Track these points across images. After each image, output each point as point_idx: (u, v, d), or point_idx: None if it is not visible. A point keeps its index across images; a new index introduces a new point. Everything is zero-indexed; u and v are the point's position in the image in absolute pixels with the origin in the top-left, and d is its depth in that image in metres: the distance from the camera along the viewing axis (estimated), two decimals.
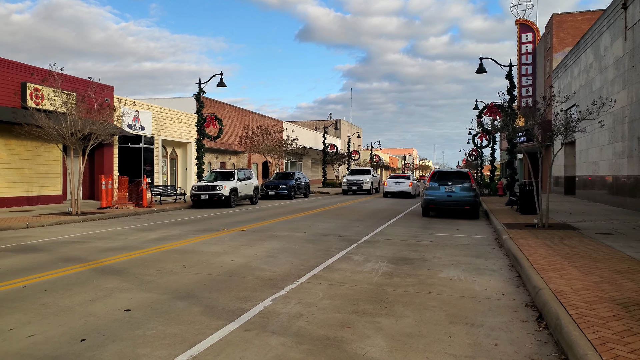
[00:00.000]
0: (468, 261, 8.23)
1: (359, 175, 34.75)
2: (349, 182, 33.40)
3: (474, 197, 15.62)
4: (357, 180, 33.25)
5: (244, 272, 7.10)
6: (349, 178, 33.73)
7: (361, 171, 36.20)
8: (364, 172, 35.76)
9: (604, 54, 19.87)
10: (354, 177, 33.84)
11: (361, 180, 33.29)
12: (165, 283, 6.41)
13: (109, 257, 8.37)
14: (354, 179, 33.47)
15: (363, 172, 35.77)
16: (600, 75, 20.18)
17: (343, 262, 7.95)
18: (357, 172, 36.23)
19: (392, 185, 30.50)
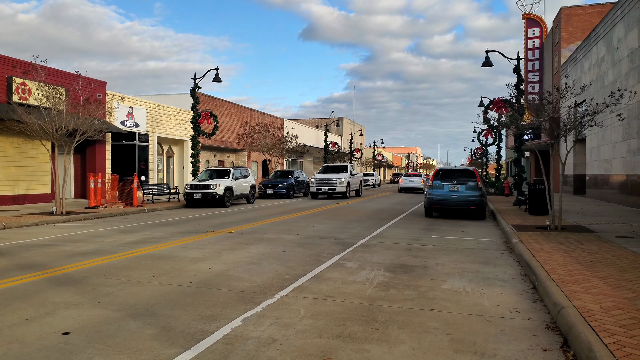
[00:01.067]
0: (475, 269, 7.32)
1: (332, 173, 26.81)
2: (318, 182, 25.48)
3: (480, 196, 14.68)
4: (328, 180, 25.38)
5: (218, 283, 6.22)
6: (319, 177, 25.82)
7: (336, 168, 28.05)
8: (338, 170, 27.64)
9: (617, 46, 18.87)
10: (325, 176, 25.75)
11: (333, 180, 25.31)
12: (124, 296, 5.54)
13: (74, 263, 7.51)
14: (325, 179, 25.53)
15: (338, 170, 27.67)
16: (614, 68, 19.18)
17: (334, 270, 7.06)
18: (330, 169, 28.00)
19: (407, 182, 36.52)
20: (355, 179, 28.15)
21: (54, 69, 18.89)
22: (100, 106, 16.78)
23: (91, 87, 17.52)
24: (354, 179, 27.53)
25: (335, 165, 28.57)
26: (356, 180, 28.22)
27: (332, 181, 25.30)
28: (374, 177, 51.12)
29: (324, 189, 25.32)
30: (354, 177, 27.79)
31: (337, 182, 25.20)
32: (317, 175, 26.47)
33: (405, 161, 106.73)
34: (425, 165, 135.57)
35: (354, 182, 27.61)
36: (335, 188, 25.19)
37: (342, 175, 25.96)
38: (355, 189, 28.24)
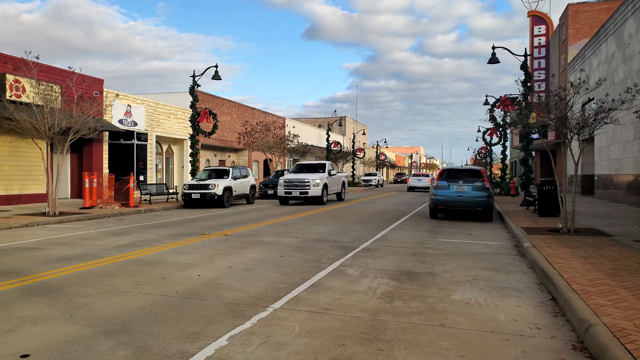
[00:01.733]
0: (486, 276, 6.78)
1: (306, 172, 22.05)
2: (287, 184, 20.87)
3: (488, 197, 14.11)
4: (300, 181, 20.61)
5: (207, 293, 5.69)
6: (289, 178, 21.11)
7: (311, 167, 23.20)
8: (314, 168, 22.81)
9: (628, 42, 18.26)
10: (296, 177, 21.02)
11: (306, 181, 20.49)
12: (101, 309, 5.02)
13: (54, 269, 7.00)
14: (295, 180, 20.78)
15: (313, 168, 22.85)
16: (624, 65, 18.58)
17: (334, 278, 6.52)
18: (305, 168, 23.12)
19: (415, 182, 38.94)
20: (335, 179, 23.03)
21: (47, 66, 18.40)
22: (95, 103, 16.24)
23: (85, 83, 17.04)
24: (333, 180, 22.49)
25: (311, 164, 23.79)
26: (336, 181, 23.27)
27: (304, 183, 20.50)
28: (376, 177, 50.55)
29: (295, 193, 20.56)
30: (333, 177, 22.66)
31: (311, 183, 20.42)
32: (287, 175, 21.92)
33: (408, 161, 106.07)
34: (429, 165, 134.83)
35: (334, 183, 22.72)
36: (308, 191, 20.40)
37: (317, 175, 21.14)
38: (337, 192, 23.46)
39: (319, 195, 20.62)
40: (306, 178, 20.74)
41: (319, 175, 21.33)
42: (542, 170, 38.27)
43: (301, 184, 20.65)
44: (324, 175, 21.61)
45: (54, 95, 15.27)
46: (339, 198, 24.01)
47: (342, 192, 24.39)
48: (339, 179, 23.78)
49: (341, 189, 24.17)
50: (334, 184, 22.90)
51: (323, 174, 21.73)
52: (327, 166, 22.70)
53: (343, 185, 24.48)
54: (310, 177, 20.88)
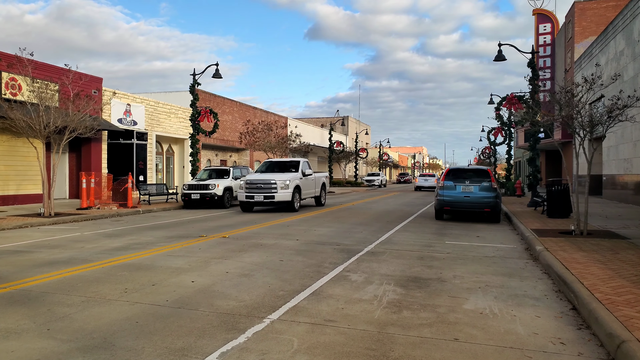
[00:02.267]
0: (499, 282, 6.34)
1: (275, 172, 18.45)
2: (249, 186, 17.23)
3: (495, 198, 13.66)
4: (265, 183, 17.03)
5: (199, 302, 5.28)
6: (251, 179, 17.50)
7: (282, 165, 19.31)
8: (286, 167, 19.03)
9: (638, 38, 17.79)
10: (260, 178, 17.39)
11: (272, 183, 16.93)
12: (82, 320, 4.61)
13: (39, 275, 6.59)
14: (259, 182, 17.17)
15: (285, 167, 19.06)
16: (634, 62, 18.11)
17: (336, 285, 6.10)
18: (275, 165, 19.34)
19: (422, 182, 40.45)
20: (312, 181, 19.18)
21: (43, 63, 18.05)
22: (91, 101, 15.85)
23: (82, 81, 16.63)
24: (308, 181, 18.69)
25: (282, 161, 19.79)
26: (313, 182, 19.33)
27: (269, 185, 16.90)
28: (379, 177, 50.10)
29: (258, 197, 16.87)
30: (309, 178, 18.78)
31: (278, 185, 16.83)
32: (250, 175, 18.50)
33: (411, 161, 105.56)
34: (432, 165, 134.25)
35: (309, 185, 18.93)
36: (274, 195, 16.76)
37: (287, 175, 17.39)
38: (314, 195, 19.67)
39: (289, 200, 16.90)
40: (273, 179, 17.00)
41: (289, 175, 17.53)
42: (548, 171, 37.73)
43: (266, 186, 16.94)
44: (297, 175, 17.87)
45: (49, 93, 14.91)
46: (317, 202, 20.29)
47: (322, 195, 20.54)
48: (317, 180, 19.92)
49: (320, 192, 20.30)
50: (310, 186, 19.04)
51: (295, 173, 17.97)
52: (302, 165, 18.79)
53: (323, 187, 20.68)
54: (279, 177, 17.17)
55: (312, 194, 19.42)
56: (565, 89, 10.14)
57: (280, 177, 17.28)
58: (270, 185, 16.98)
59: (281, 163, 19.52)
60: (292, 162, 19.30)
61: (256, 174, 18.28)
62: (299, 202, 17.71)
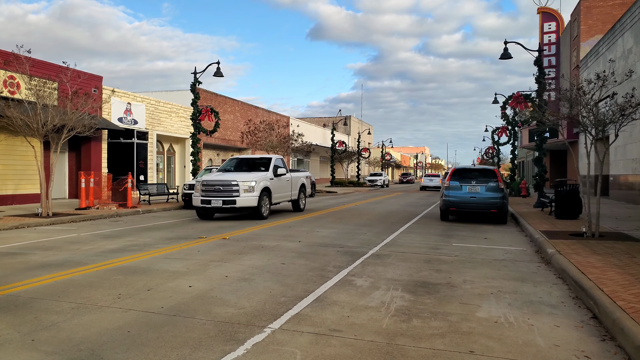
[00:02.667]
0: (512, 288, 6.03)
1: (241, 171, 15.43)
2: (206, 188, 14.14)
3: (502, 198, 13.34)
4: (224, 184, 14.00)
5: (196, 308, 4.98)
6: (209, 180, 14.34)
7: (252, 162, 16.21)
8: (255, 165, 15.95)
9: None
10: (218, 179, 14.32)
11: (232, 184, 13.89)
12: (70, 329, 4.32)
13: (30, 279, 6.31)
14: (217, 183, 14.11)
15: (254, 165, 15.99)
16: None
17: (341, 290, 5.79)
18: (243, 163, 16.26)
19: (427, 182, 41.74)
20: (286, 182, 16.21)
21: (41, 61, 17.79)
22: (90, 100, 15.58)
23: (81, 79, 16.37)
24: (281, 183, 15.76)
25: (251, 158, 16.49)
26: (288, 184, 16.43)
27: (229, 187, 13.78)
28: (382, 177, 49.74)
29: (216, 202, 13.75)
30: (283, 178, 15.90)
31: (241, 188, 13.71)
32: (207, 175, 15.43)
33: (413, 161, 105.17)
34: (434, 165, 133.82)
35: (284, 187, 16.03)
36: (235, 199, 13.62)
37: (253, 176, 14.31)
38: (291, 199, 16.86)
39: (253, 205, 13.82)
40: (234, 180, 13.83)
41: (256, 175, 14.40)
42: (552, 171, 37.35)
43: (226, 188, 13.79)
44: (266, 175, 14.76)
45: (47, 91, 14.64)
46: (295, 207, 17.31)
47: (302, 198, 17.52)
48: (293, 181, 16.89)
49: (299, 195, 17.25)
50: (284, 188, 16.03)
51: (264, 173, 14.89)
52: (274, 162, 15.73)
53: (302, 189, 17.69)
54: (242, 178, 13.97)
55: (287, 198, 16.43)
56: (577, 86, 9.81)
57: (244, 177, 14.07)
58: (230, 188, 13.79)
59: (250, 160, 16.33)
60: (262, 160, 16.09)
61: (216, 174, 15.14)
62: (268, 207, 14.60)
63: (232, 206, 13.80)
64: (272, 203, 15.11)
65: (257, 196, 13.98)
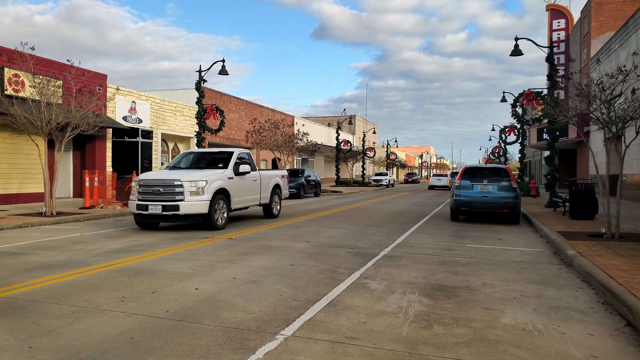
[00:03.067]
0: (535, 292, 5.72)
1: (194, 169, 12.23)
2: (145, 189, 11.13)
3: (515, 198, 13.00)
4: (165, 185, 10.98)
5: (204, 313, 4.70)
6: (147, 179, 11.37)
7: (208, 158, 13.18)
8: (213, 161, 12.91)
9: None
10: (158, 178, 11.31)
11: (175, 184, 10.85)
12: (70, 335, 4.05)
13: (30, 280, 6.05)
14: (156, 183, 11.11)
15: (212, 161, 12.96)
16: None
17: (355, 294, 5.50)
18: (198, 158, 13.25)
19: (435, 181, 42.40)
20: (252, 182, 13.06)
21: (46, 59, 17.58)
22: (94, 97, 15.36)
23: (85, 77, 16.15)
24: (243, 183, 12.58)
25: (208, 153, 13.49)
26: (256, 184, 13.25)
27: (172, 188, 10.85)
28: (387, 176, 49.39)
29: (154, 208, 10.83)
30: (247, 178, 12.75)
31: (186, 189, 10.77)
32: (146, 174, 11.90)
33: (418, 161, 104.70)
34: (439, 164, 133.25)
35: (249, 188, 12.90)
36: (177, 205, 10.70)
37: (203, 174, 11.26)
38: (261, 203, 13.74)
39: (203, 212, 10.81)
40: (177, 178, 10.79)
41: (209, 173, 11.33)
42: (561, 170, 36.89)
43: (167, 190, 10.75)
44: (223, 173, 11.69)
45: (51, 89, 14.43)
46: (268, 213, 14.21)
47: (276, 202, 14.54)
48: (264, 180, 13.81)
49: (271, 198, 14.19)
50: (250, 190, 12.91)
51: (221, 171, 11.81)
52: (236, 157, 12.58)
53: (276, 191, 14.58)
54: (188, 176, 10.89)
55: (254, 201, 13.26)
56: (597, 81, 9.47)
57: (192, 175, 10.96)
58: (172, 189, 10.72)
59: (206, 155, 13.20)
60: (222, 154, 12.88)
61: (158, 172, 12.79)
62: (225, 215, 11.45)
63: (174, 213, 10.62)
64: (233, 209, 12.02)
65: (208, 200, 10.85)
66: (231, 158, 12.56)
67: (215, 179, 11.37)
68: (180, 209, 10.71)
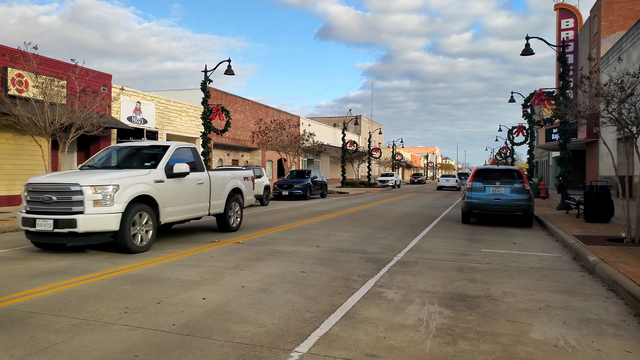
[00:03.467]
0: (560, 302, 5.42)
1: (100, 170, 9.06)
2: (33, 196, 8.12)
3: (528, 200, 12.67)
4: (58, 191, 7.89)
5: (212, 326, 4.42)
6: (36, 183, 8.21)
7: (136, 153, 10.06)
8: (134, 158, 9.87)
9: None
10: (49, 183, 8.07)
11: (70, 190, 7.79)
12: (69, 352, 3.77)
13: (30, 289, 5.79)
14: (48, 187, 7.98)
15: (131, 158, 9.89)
16: None
17: (371, 305, 5.21)
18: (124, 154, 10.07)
19: (444, 182, 42.59)
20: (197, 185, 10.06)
21: (49, 58, 17.38)
22: (98, 97, 15.14)
23: (89, 77, 15.94)
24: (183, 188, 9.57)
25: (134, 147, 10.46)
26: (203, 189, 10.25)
27: (66, 193, 7.92)
28: (393, 177, 49.02)
29: (43, 223, 7.87)
30: (187, 180, 9.67)
31: (86, 196, 7.83)
32: (38, 177, 8.73)
33: (423, 161, 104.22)
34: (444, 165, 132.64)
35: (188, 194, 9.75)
36: (74, 220, 7.68)
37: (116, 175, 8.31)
38: (213, 213, 10.77)
39: (113, 229, 7.95)
40: (74, 182, 7.96)
41: (125, 175, 8.47)
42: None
43: (62, 197, 7.95)
44: (147, 175, 8.79)
45: (55, 89, 14.22)
46: (223, 226, 11.09)
47: (233, 212, 11.41)
48: (216, 184, 10.70)
49: (227, 207, 11.07)
50: (193, 197, 9.87)
51: (144, 172, 8.86)
52: (172, 152, 9.59)
53: (235, 197, 11.48)
54: (93, 179, 8.03)
55: (200, 211, 10.13)
56: (616, 80, 9.14)
57: (97, 178, 8.02)
58: (68, 197, 7.87)
59: (134, 151, 10.14)
60: (153, 149, 10.03)
61: (55, 173, 8.95)
62: (150, 233, 8.67)
63: (71, 231, 7.68)
64: (164, 222, 9.00)
65: (120, 212, 7.92)
66: (165, 153, 9.34)
67: (133, 183, 8.26)
68: (79, 226, 7.60)
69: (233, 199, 11.49)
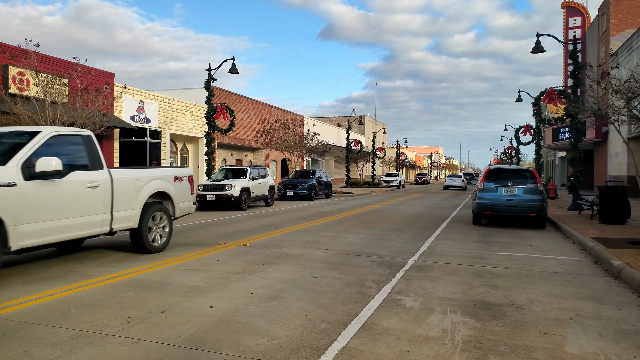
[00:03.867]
0: (591, 311, 5.07)
1: None
2: None
3: (541, 201, 12.30)
4: None
5: (221, 338, 4.09)
6: None
7: None
8: None
9: None
10: None
11: None
12: None
13: (26, 296, 5.46)
14: None
15: None
16: None
17: (390, 313, 4.87)
18: None
19: (450, 181, 43.15)
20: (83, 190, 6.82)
21: (51, 57, 17.08)
22: (100, 96, 14.86)
23: (91, 75, 15.66)
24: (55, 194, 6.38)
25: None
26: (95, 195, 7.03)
27: None
28: (398, 177, 48.63)
29: None
30: (61, 183, 6.45)
31: None
32: None
33: (427, 161, 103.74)
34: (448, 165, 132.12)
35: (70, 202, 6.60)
36: None
37: None
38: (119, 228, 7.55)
39: None
40: None
41: None
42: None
43: None
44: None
45: (57, 87, 13.94)
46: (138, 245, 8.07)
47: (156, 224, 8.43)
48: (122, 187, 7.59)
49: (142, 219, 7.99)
50: (85, 206, 6.91)
51: None
52: (40, 141, 6.48)
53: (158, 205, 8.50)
54: None
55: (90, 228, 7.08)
56: (637, 77, 8.79)
57: None
58: None
59: None
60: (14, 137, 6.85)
61: None
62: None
63: None
64: (17, 248, 5.96)
65: None
66: (26, 145, 6.36)
67: None
68: None
69: (155, 208, 8.31)
